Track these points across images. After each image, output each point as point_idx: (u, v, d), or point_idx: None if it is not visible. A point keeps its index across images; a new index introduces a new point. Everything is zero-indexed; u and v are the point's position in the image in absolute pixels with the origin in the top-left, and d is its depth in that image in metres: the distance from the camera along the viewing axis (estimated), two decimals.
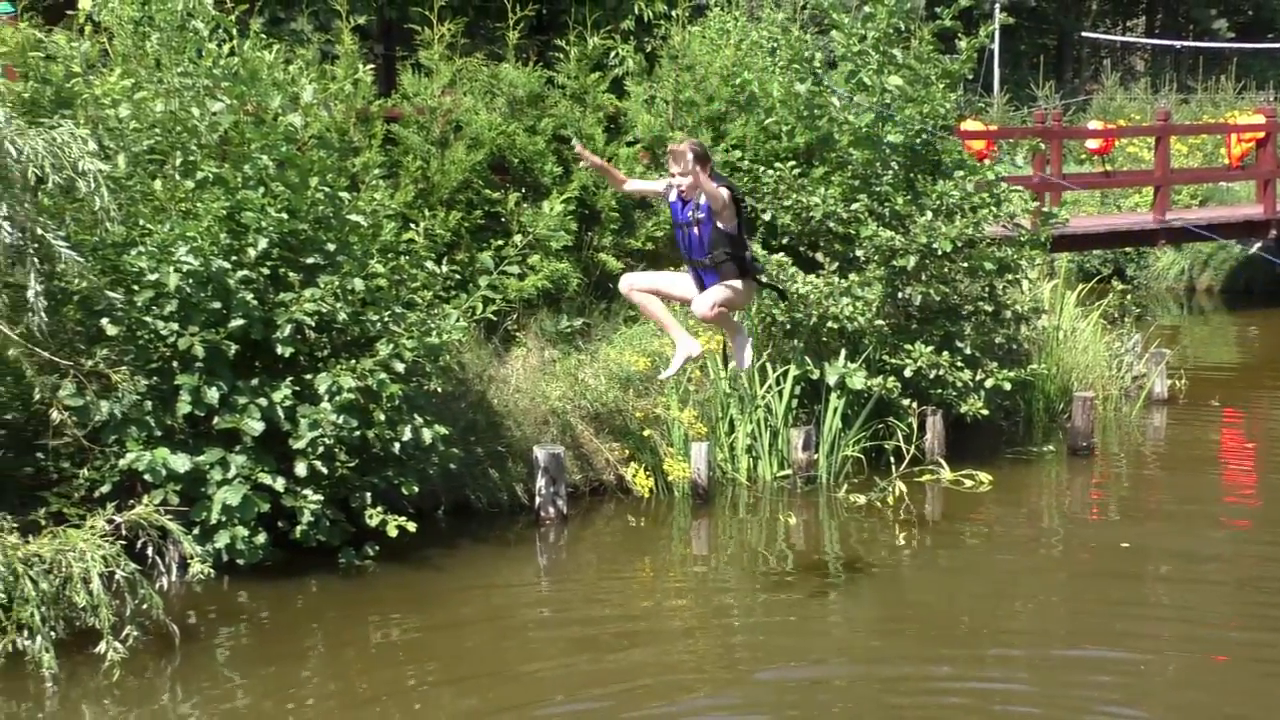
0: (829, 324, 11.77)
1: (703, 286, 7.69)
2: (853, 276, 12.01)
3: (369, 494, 9.03)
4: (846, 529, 10.33)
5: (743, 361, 8.23)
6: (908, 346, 11.80)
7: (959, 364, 11.80)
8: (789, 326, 11.92)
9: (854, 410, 11.74)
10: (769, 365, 11.73)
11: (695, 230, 7.59)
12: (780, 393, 11.63)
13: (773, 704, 7.03)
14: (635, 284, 8.07)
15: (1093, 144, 22.26)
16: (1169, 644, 7.92)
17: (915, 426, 11.84)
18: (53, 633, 7.00)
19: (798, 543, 10.10)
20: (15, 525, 7.32)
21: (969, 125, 18.16)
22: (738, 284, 7.69)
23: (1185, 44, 45.88)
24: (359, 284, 9.13)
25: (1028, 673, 7.42)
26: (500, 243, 11.10)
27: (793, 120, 13.23)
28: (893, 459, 11.51)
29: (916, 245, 11.68)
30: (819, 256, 12.40)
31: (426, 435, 9.14)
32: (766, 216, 12.49)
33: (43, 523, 7.66)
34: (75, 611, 7.13)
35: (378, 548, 9.01)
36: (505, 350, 11.42)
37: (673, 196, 7.68)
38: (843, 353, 11.83)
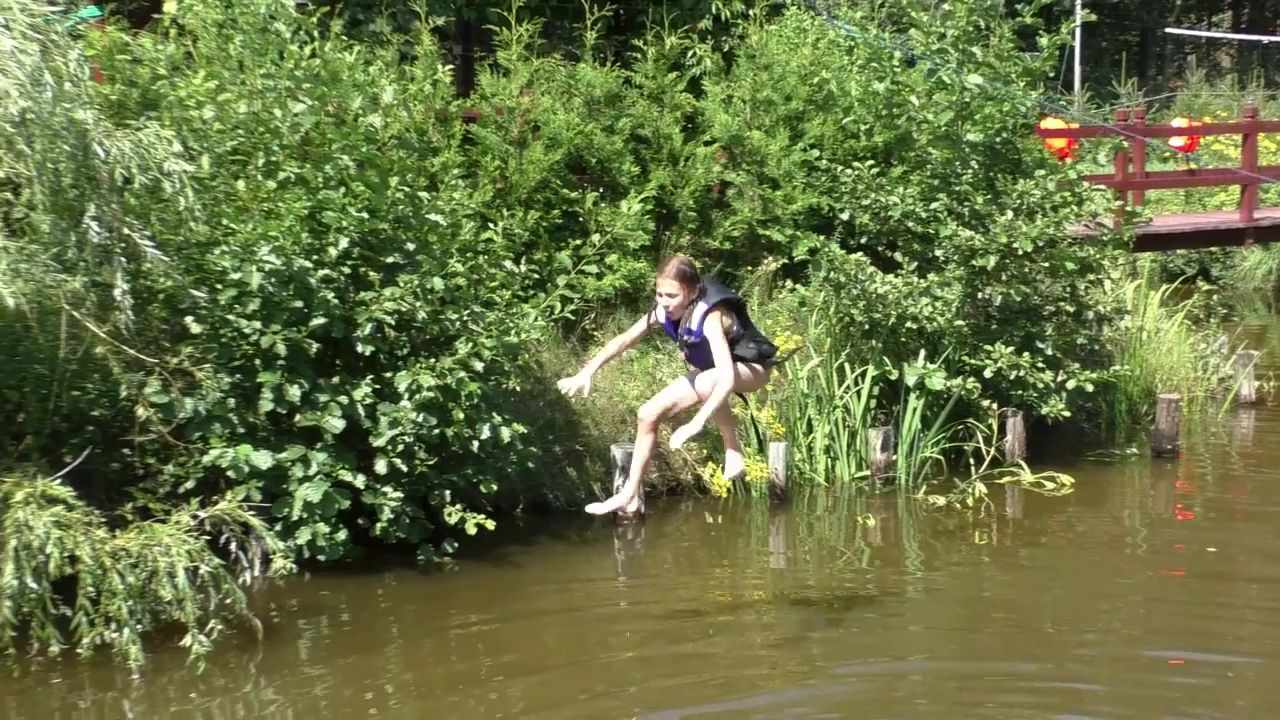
0: (908, 324, 11.71)
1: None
2: (932, 276, 11.94)
3: (448, 492, 9.10)
4: (926, 530, 10.27)
5: (730, 470, 7.87)
6: (988, 347, 11.70)
7: (1040, 365, 11.68)
8: (867, 327, 11.87)
9: (933, 411, 11.66)
10: (847, 366, 11.70)
11: (689, 350, 7.38)
12: (859, 393, 11.59)
13: (849, 699, 6.99)
14: (657, 410, 7.64)
15: (1177, 141, 21.92)
16: (1257, 646, 7.79)
17: (995, 428, 11.75)
18: (139, 625, 7.11)
19: (876, 542, 10.05)
20: (103, 520, 7.42)
21: (1050, 123, 17.94)
22: (746, 371, 7.39)
23: (1273, 39, 45.13)
24: (438, 283, 9.20)
25: (1111, 674, 7.32)
26: (578, 242, 11.15)
27: (871, 119, 13.19)
28: (972, 460, 11.44)
29: (997, 245, 11.58)
30: (898, 256, 12.32)
31: (505, 434, 9.20)
32: (845, 216, 12.46)
33: (129, 517, 7.76)
34: (161, 605, 7.24)
35: (456, 545, 9.07)
36: (583, 349, 11.45)
37: (662, 317, 7.40)
38: (922, 353, 11.76)
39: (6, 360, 8.15)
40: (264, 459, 8.33)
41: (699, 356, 7.32)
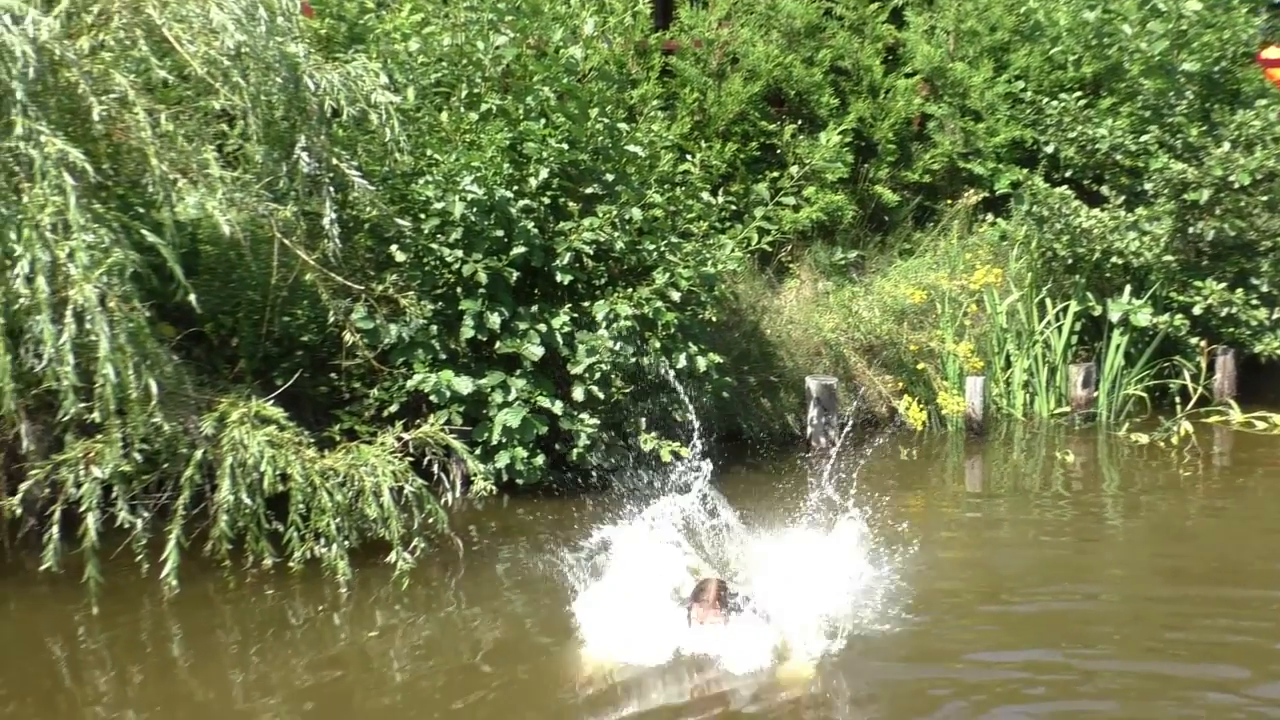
0: (1113, 259, 11.44)
1: None
2: (1140, 210, 11.62)
3: (643, 419, 9.19)
4: (1127, 467, 10.05)
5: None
6: (1197, 283, 11.37)
7: (1254, 302, 11.31)
8: (1070, 261, 11.62)
9: (1137, 348, 11.41)
10: (1048, 301, 11.48)
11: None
12: (1059, 329, 11.38)
13: (1040, 617, 6.91)
14: None
15: None
16: None
17: (1204, 366, 11.43)
18: (346, 542, 7.33)
19: (1075, 478, 9.86)
20: (312, 440, 7.66)
21: (1272, 53, 17.17)
22: None
23: None
24: (636, 214, 9.27)
25: None
26: (776, 174, 11.11)
27: (1079, 49, 12.82)
28: (1178, 399, 11.16)
29: (1211, 178, 11.19)
30: (1104, 190, 12.01)
31: (700, 363, 9.25)
32: (1049, 149, 12.17)
33: (337, 439, 8.04)
34: (367, 523, 7.45)
35: (652, 471, 9.17)
36: (779, 281, 11.44)
37: (690, 626, 6.51)
38: (1127, 289, 11.49)
39: (222, 287, 8.50)
40: (465, 384, 8.53)
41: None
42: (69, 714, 5.83)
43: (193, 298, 7.13)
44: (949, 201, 12.71)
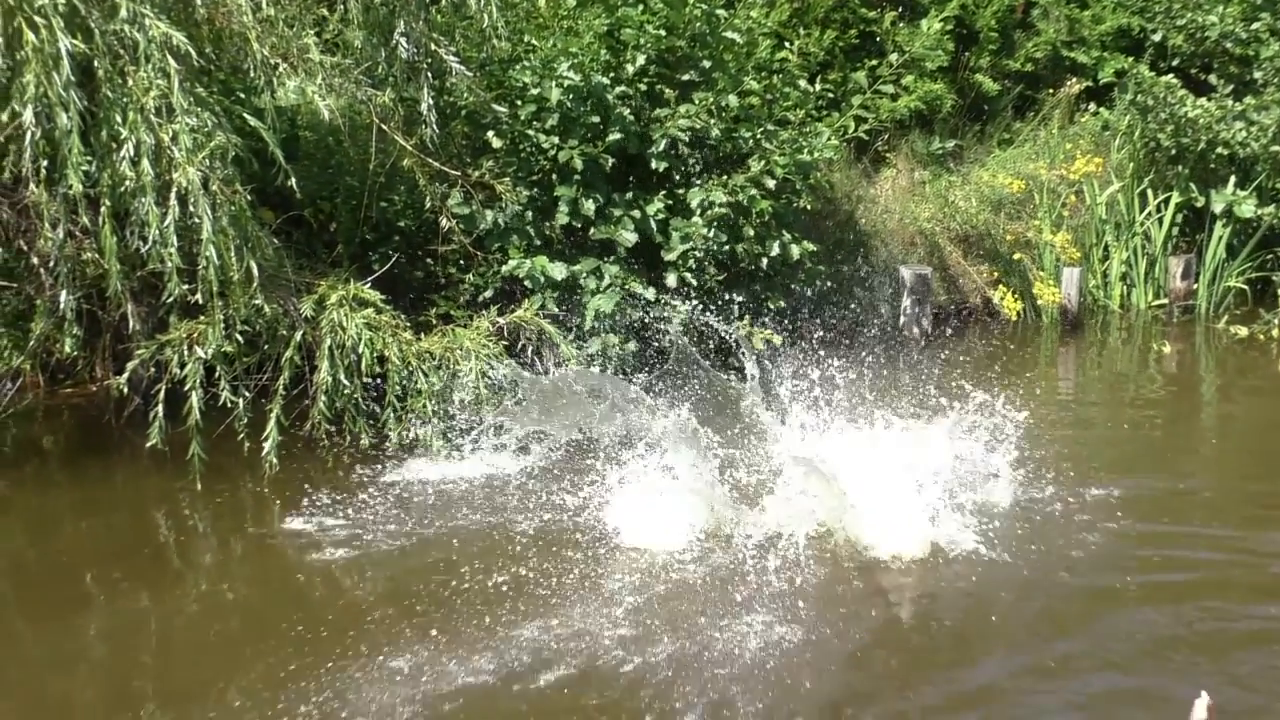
0: (1218, 150, 11.21)
1: None
2: (1249, 100, 11.36)
3: (736, 306, 9.23)
4: (1224, 359, 9.95)
5: None
6: None
7: None
8: (1174, 152, 11.41)
9: (1240, 240, 11.23)
10: (1149, 192, 11.30)
11: None
12: (1160, 220, 11.22)
13: (1131, 502, 6.89)
14: None
15: None
16: None
17: None
18: (441, 423, 7.49)
19: (1170, 369, 9.78)
20: (409, 324, 7.81)
21: None
22: None
23: None
24: (733, 101, 9.24)
25: None
26: (874, 62, 10.99)
27: None
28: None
29: None
30: (1211, 79, 11.75)
31: (794, 251, 9.26)
32: (1156, 37, 11.94)
33: (433, 323, 8.17)
34: (462, 405, 7.59)
35: (744, 357, 9.23)
36: (875, 171, 11.37)
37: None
38: (1231, 180, 11.27)
39: (321, 172, 8.62)
40: (559, 270, 8.61)
41: None
42: (174, 583, 6.07)
43: (293, 182, 7.24)
44: (1050, 91, 12.52)
